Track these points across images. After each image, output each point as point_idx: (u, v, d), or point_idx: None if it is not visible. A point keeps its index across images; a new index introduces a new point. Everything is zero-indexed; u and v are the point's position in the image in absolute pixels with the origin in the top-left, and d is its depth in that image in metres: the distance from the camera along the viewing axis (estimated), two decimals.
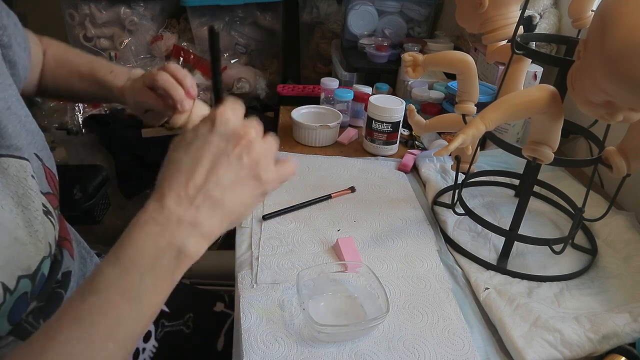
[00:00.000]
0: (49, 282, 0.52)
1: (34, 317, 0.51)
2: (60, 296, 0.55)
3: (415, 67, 0.76)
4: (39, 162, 0.53)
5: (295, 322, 0.60)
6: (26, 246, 0.48)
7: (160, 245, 0.40)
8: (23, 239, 0.48)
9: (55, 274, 0.55)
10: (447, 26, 1.55)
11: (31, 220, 0.49)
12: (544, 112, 0.60)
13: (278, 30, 1.74)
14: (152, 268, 0.39)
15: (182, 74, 0.64)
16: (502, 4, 0.71)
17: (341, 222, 0.81)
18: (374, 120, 1.00)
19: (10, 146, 0.49)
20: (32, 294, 0.49)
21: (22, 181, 0.49)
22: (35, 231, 0.49)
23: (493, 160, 1.00)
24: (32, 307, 0.51)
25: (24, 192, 0.49)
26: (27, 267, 0.48)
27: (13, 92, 0.53)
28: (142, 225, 0.40)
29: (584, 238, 0.81)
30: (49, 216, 0.52)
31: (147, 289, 0.39)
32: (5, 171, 0.48)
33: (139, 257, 0.39)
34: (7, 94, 0.52)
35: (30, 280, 0.48)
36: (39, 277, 0.49)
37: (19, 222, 0.48)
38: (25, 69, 0.61)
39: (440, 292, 0.67)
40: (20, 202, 0.49)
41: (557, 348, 0.57)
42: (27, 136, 0.52)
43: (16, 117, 0.51)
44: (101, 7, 1.51)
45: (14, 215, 0.47)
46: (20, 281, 0.46)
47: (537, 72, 1.01)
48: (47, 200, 0.53)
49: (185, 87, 0.63)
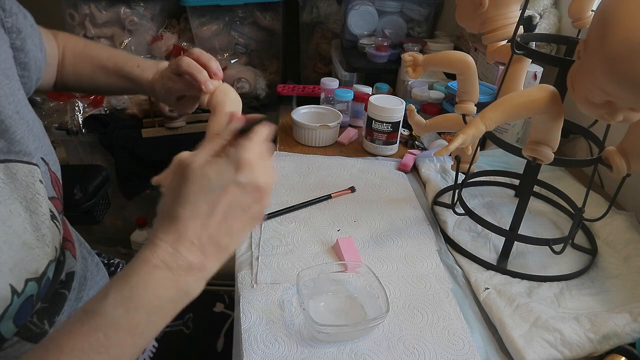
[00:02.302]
0: (53, 284, 0.53)
1: (38, 318, 0.51)
2: (63, 297, 0.55)
3: (415, 67, 0.76)
4: (46, 167, 0.54)
5: (295, 322, 0.60)
6: (34, 250, 0.48)
7: (170, 289, 0.41)
8: (31, 242, 0.48)
9: (59, 275, 0.55)
10: (447, 26, 1.55)
11: (39, 225, 0.49)
12: (544, 112, 0.60)
13: (278, 30, 1.74)
14: (159, 309, 0.41)
15: (206, 57, 0.66)
16: (502, 4, 0.70)
17: (341, 222, 0.81)
18: (374, 120, 1.00)
19: (20, 152, 0.50)
20: (37, 297, 0.49)
21: (30, 186, 0.49)
22: (43, 235, 0.50)
23: (493, 160, 1.00)
24: (36, 308, 0.51)
25: (32, 197, 0.49)
26: (35, 271, 0.48)
27: (21, 96, 0.54)
28: (153, 269, 0.40)
29: (584, 238, 0.81)
30: (54, 220, 0.52)
31: (151, 326, 0.41)
32: (15, 176, 0.48)
33: (147, 299, 0.40)
34: (16, 98, 0.52)
35: (37, 284, 0.48)
36: (45, 280, 0.50)
37: (27, 226, 0.48)
38: (39, 69, 0.61)
39: (440, 292, 0.67)
40: (29, 206, 0.49)
41: (557, 348, 0.57)
42: (34, 141, 0.52)
43: (24, 121, 0.52)
44: (101, 7, 1.51)
45: (22, 219, 0.48)
46: (28, 284, 0.46)
47: (537, 72, 1.01)
48: (53, 205, 0.53)
49: (210, 69, 0.65)
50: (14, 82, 0.53)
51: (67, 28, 1.56)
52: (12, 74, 0.53)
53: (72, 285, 0.57)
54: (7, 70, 0.52)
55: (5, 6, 0.53)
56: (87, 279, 0.62)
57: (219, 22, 1.63)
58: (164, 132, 1.46)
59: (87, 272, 0.63)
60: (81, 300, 0.59)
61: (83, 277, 0.62)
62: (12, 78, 0.53)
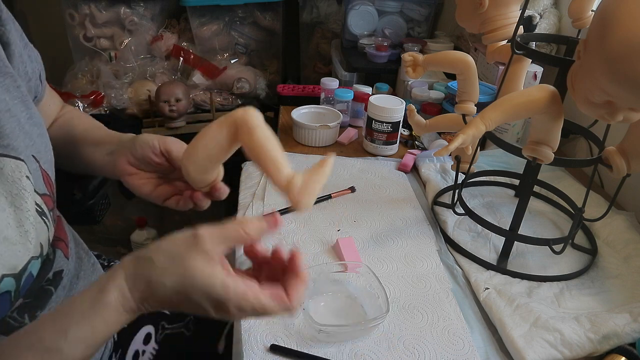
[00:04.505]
0: (38, 281, 0.52)
1: (18, 313, 0.50)
2: (49, 293, 0.55)
3: (415, 67, 0.76)
4: (37, 164, 0.53)
5: (295, 322, 0.60)
6: (15, 246, 0.48)
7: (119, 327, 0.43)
8: (13, 238, 0.48)
9: (46, 273, 0.54)
10: (447, 26, 1.55)
11: (22, 221, 0.49)
12: (544, 112, 0.60)
13: (278, 30, 1.74)
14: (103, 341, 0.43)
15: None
16: (502, 4, 0.71)
17: (341, 222, 0.81)
18: (374, 120, 1.00)
19: (8, 145, 0.49)
20: (16, 294, 0.49)
21: (16, 181, 0.49)
22: (26, 231, 0.49)
23: (493, 160, 1.00)
24: (17, 304, 0.50)
25: (18, 192, 0.49)
26: (13, 267, 0.47)
27: (18, 94, 0.53)
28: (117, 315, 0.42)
29: (584, 238, 0.81)
30: (42, 217, 0.52)
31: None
32: (1, 171, 0.48)
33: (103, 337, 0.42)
34: (11, 95, 0.52)
35: (15, 279, 0.48)
36: (26, 277, 0.49)
37: (11, 221, 0.48)
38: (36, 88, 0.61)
39: (440, 292, 0.67)
40: (14, 202, 0.48)
41: (557, 348, 0.57)
42: (24, 139, 0.52)
43: (15, 119, 0.51)
44: (101, 7, 1.51)
45: (6, 214, 0.47)
46: (3, 280, 0.46)
47: (537, 72, 1.01)
48: (43, 202, 0.53)
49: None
50: (10, 81, 0.52)
51: (67, 28, 1.56)
52: (8, 72, 0.53)
53: (60, 283, 0.57)
54: (2, 68, 0.52)
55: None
56: (80, 278, 0.62)
57: (219, 22, 1.64)
58: (164, 132, 1.46)
59: (80, 271, 0.63)
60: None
61: (75, 276, 0.61)
62: (7, 76, 0.52)
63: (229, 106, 1.61)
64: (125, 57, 1.56)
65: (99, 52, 1.58)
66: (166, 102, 1.40)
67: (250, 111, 0.47)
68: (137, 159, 0.60)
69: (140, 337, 0.73)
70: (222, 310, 0.42)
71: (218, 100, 1.58)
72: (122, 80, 1.52)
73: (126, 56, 1.56)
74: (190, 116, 1.52)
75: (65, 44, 1.61)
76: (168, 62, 1.61)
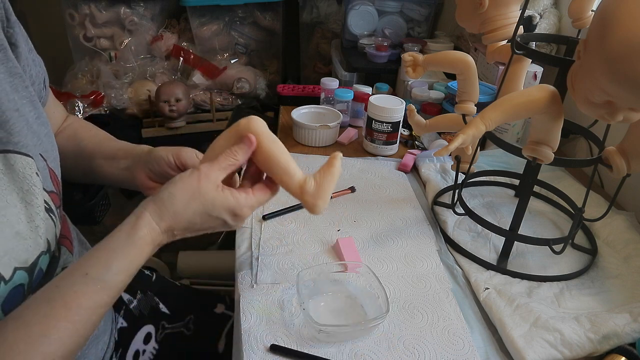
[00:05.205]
0: (47, 277, 0.54)
1: None
2: None
3: (415, 67, 0.76)
4: (44, 162, 0.55)
5: (295, 322, 0.60)
6: (26, 240, 0.49)
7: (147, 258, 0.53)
8: (24, 233, 0.49)
9: (54, 270, 0.56)
10: (447, 26, 1.55)
11: (33, 216, 0.51)
12: (544, 112, 0.60)
13: (278, 30, 1.74)
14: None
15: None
16: (502, 4, 0.71)
17: (341, 222, 0.81)
18: (374, 120, 1.00)
19: (18, 142, 0.51)
20: (29, 287, 0.50)
21: (27, 178, 0.51)
22: (36, 227, 0.51)
23: (493, 160, 1.00)
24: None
25: (29, 188, 0.51)
26: (25, 260, 0.49)
27: (26, 94, 0.55)
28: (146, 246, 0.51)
29: (584, 238, 0.81)
30: (50, 214, 0.53)
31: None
32: (13, 167, 0.49)
33: (137, 267, 0.51)
34: (20, 95, 0.53)
35: (27, 273, 0.49)
36: (37, 272, 0.51)
37: (22, 217, 0.49)
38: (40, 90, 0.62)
39: (440, 292, 0.67)
40: (25, 198, 0.50)
41: (557, 348, 0.57)
42: (33, 137, 0.53)
43: (24, 119, 0.53)
44: (101, 7, 1.51)
45: (17, 210, 0.49)
46: (16, 272, 0.48)
47: (537, 72, 1.01)
48: (50, 199, 0.54)
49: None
50: (18, 81, 0.53)
51: (67, 28, 1.56)
52: (17, 72, 0.54)
53: None
54: (12, 68, 0.53)
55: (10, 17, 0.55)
56: None
57: (219, 22, 1.64)
58: (164, 132, 1.46)
59: None
60: None
61: None
62: (17, 76, 0.53)
63: (229, 106, 1.61)
64: (125, 57, 1.56)
65: (99, 52, 1.58)
66: (166, 102, 1.40)
67: (253, 120, 0.56)
68: (156, 174, 0.66)
69: (141, 336, 0.73)
70: (237, 215, 0.54)
71: (218, 100, 1.58)
72: (122, 80, 1.52)
73: (126, 56, 1.56)
74: (190, 116, 1.53)
75: (65, 44, 1.61)
76: (168, 62, 1.61)
